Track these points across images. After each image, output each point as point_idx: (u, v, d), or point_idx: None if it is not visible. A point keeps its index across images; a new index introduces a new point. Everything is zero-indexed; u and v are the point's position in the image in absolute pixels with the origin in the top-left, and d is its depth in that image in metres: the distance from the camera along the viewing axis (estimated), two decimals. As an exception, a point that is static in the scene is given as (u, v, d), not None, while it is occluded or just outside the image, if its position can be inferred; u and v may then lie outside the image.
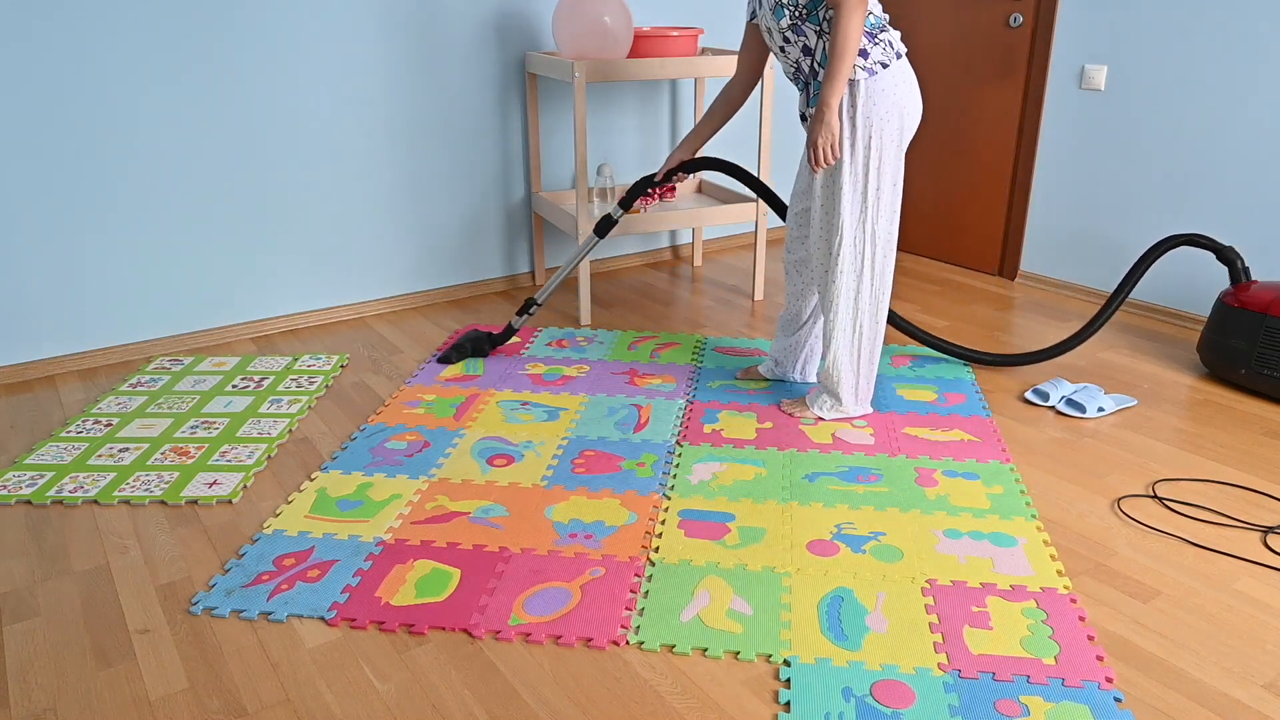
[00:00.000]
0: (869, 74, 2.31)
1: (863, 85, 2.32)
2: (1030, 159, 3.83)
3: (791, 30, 2.38)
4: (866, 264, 2.48)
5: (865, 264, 2.47)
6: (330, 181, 3.37)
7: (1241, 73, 3.15)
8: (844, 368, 2.60)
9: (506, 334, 3.14)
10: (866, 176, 2.40)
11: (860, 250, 2.46)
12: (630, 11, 3.30)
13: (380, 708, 1.67)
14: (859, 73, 2.31)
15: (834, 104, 2.29)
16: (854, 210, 2.43)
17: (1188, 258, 3.41)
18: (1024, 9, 3.72)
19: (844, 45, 2.23)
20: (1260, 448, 2.58)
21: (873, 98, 2.33)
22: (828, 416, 2.67)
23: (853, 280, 2.49)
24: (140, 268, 3.12)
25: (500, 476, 2.40)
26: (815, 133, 2.33)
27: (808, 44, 2.37)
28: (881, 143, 2.37)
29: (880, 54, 2.32)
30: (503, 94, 3.64)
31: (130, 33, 2.90)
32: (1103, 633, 1.85)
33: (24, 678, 1.75)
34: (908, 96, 2.37)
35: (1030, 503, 2.29)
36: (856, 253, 2.46)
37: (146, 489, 2.35)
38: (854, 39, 2.23)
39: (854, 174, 2.40)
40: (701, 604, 1.92)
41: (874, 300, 2.53)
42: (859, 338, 2.56)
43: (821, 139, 2.33)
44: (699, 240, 4.25)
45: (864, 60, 2.31)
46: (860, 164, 2.39)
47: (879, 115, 2.34)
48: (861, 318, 2.53)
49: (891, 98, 2.34)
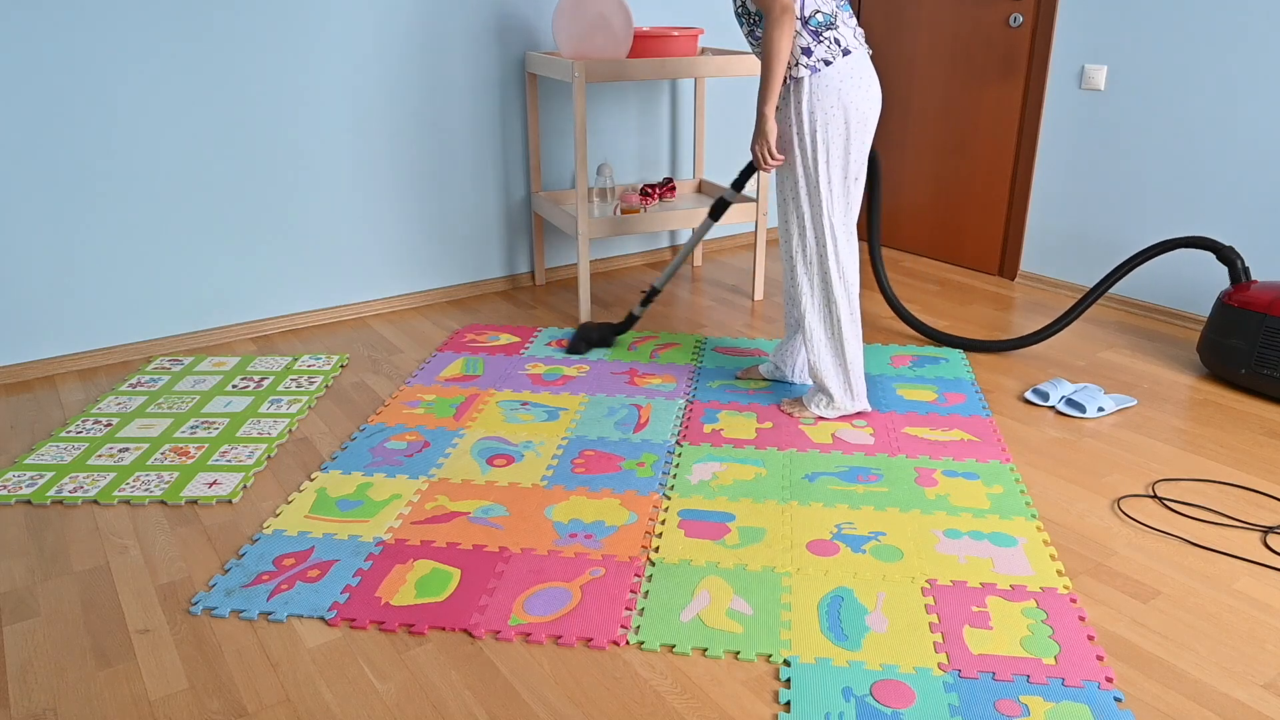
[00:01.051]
0: (811, 71, 2.39)
1: (806, 83, 2.40)
2: (1030, 159, 3.83)
3: (750, 36, 2.52)
4: (830, 256, 2.53)
5: (830, 256, 2.53)
6: (330, 181, 3.37)
7: (1241, 73, 3.15)
8: (826, 362, 2.64)
9: (629, 322, 3.17)
10: (816, 170, 2.46)
11: (822, 242, 2.52)
12: (630, 11, 3.30)
13: (380, 708, 1.67)
14: (802, 70, 2.39)
15: (766, 112, 2.41)
16: (810, 205, 2.51)
17: (1188, 258, 3.41)
18: (1024, 9, 3.72)
19: (770, 56, 2.35)
20: (1260, 448, 2.58)
21: (816, 94, 2.41)
22: (826, 414, 2.69)
23: (818, 273, 2.56)
24: (140, 268, 3.12)
25: (500, 476, 2.40)
26: (754, 140, 2.49)
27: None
28: (828, 136, 2.44)
29: (824, 51, 2.39)
30: (503, 94, 3.64)
31: (130, 32, 2.90)
32: (1103, 633, 1.85)
33: (24, 678, 1.75)
34: (854, 91, 2.42)
35: (1030, 503, 2.29)
36: (819, 244, 2.53)
37: (146, 489, 2.35)
38: (780, 50, 2.33)
39: (805, 169, 2.48)
40: (701, 604, 1.92)
41: (845, 290, 2.56)
42: (836, 329, 2.59)
43: (758, 145, 2.47)
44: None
45: (807, 58, 2.39)
46: (809, 159, 2.46)
47: (823, 110, 2.41)
48: (836, 310, 2.57)
49: (835, 94, 2.40)
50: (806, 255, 2.56)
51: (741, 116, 4.29)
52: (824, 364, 2.64)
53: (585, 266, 3.42)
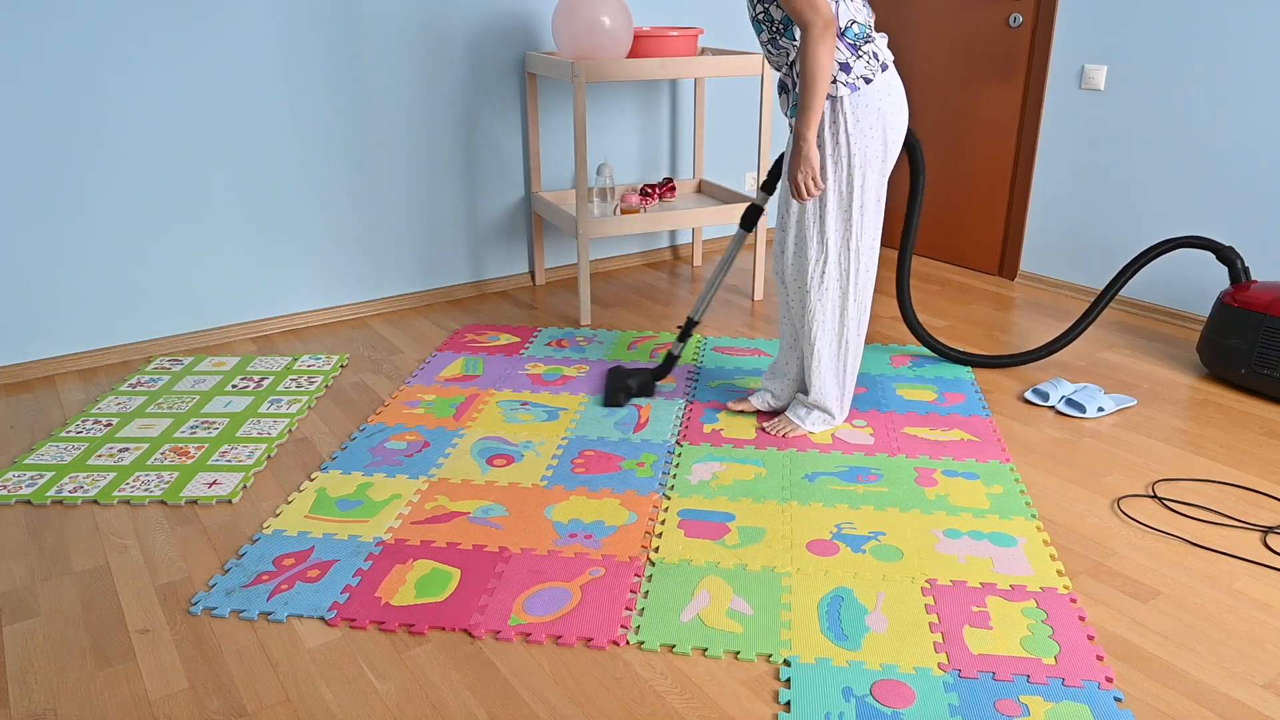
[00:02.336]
0: (851, 89, 2.21)
1: (846, 102, 2.22)
2: (1030, 159, 3.83)
3: (771, 44, 2.32)
4: (851, 281, 2.41)
5: (850, 281, 2.41)
6: (330, 181, 3.37)
7: (1241, 73, 3.15)
8: (830, 384, 2.54)
9: (668, 364, 2.86)
10: (851, 194, 2.32)
11: (845, 268, 2.39)
12: (630, 11, 3.30)
13: (380, 708, 1.67)
14: (841, 89, 2.21)
15: (808, 136, 2.21)
16: (839, 229, 2.35)
17: (1188, 258, 3.41)
18: (1024, 9, 3.72)
19: (811, 75, 2.13)
20: (1260, 448, 2.58)
21: (856, 114, 2.23)
22: (818, 430, 2.61)
23: (837, 298, 2.43)
24: (140, 268, 3.12)
25: (500, 476, 2.40)
26: (794, 167, 2.25)
27: (789, 56, 2.31)
28: (865, 160, 2.28)
29: (864, 68, 2.22)
30: (503, 94, 3.64)
31: (128, 31, 2.90)
32: (1103, 633, 1.85)
33: (24, 678, 1.75)
34: (893, 109, 2.27)
35: (1030, 503, 2.29)
36: (841, 270, 2.39)
37: (146, 489, 2.35)
38: (823, 68, 2.12)
39: (838, 192, 2.32)
40: (701, 604, 1.92)
41: (858, 316, 2.47)
42: (845, 353, 2.50)
43: (800, 174, 2.25)
44: (699, 240, 4.25)
45: (846, 75, 2.21)
46: (844, 182, 2.31)
47: (862, 132, 2.25)
48: (847, 335, 2.47)
49: (875, 113, 2.24)
50: (825, 283, 2.40)
51: (741, 116, 4.29)
52: (827, 386, 2.53)
53: (585, 266, 3.42)
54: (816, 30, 2.09)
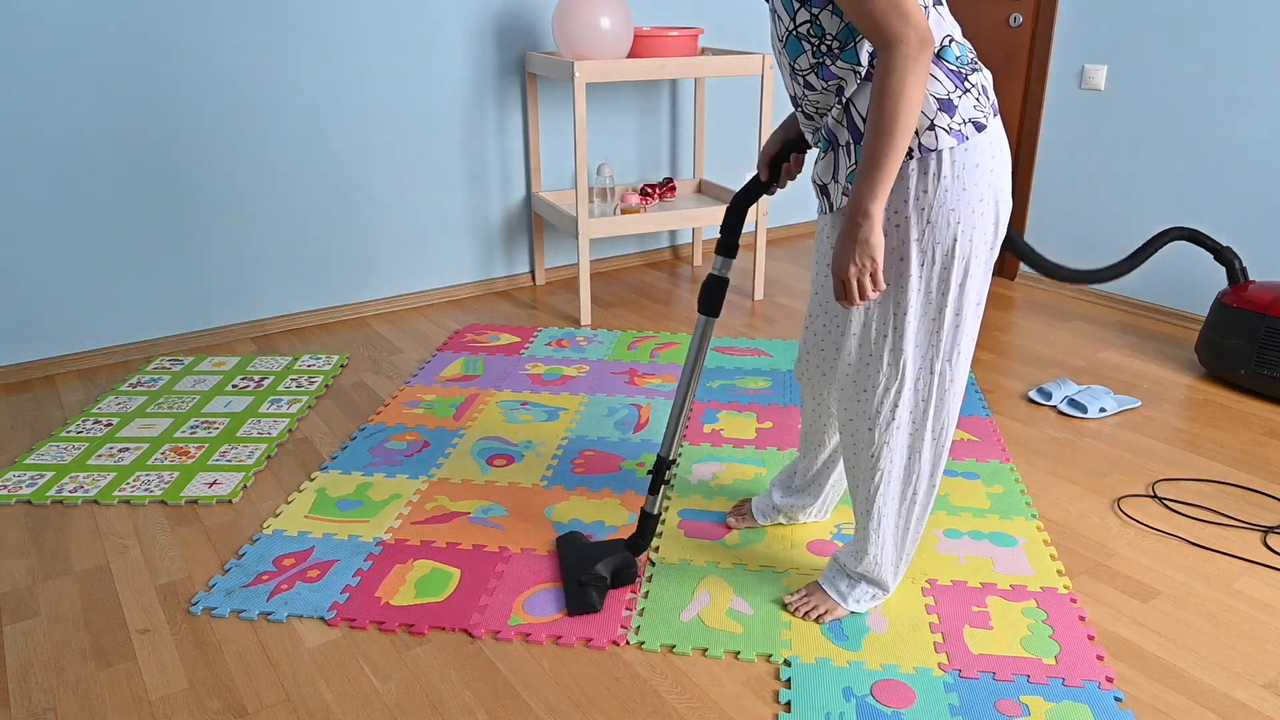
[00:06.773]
0: (959, 139, 1.47)
1: (946, 158, 1.47)
2: (1030, 159, 3.83)
3: (814, 74, 1.52)
4: (931, 416, 1.67)
5: (928, 416, 1.67)
6: (329, 181, 3.37)
7: (1241, 73, 3.15)
8: (887, 550, 1.81)
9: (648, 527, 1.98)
10: (946, 297, 1.57)
11: (925, 398, 1.66)
12: (630, 11, 3.30)
13: (380, 708, 1.67)
14: (939, 138, 1.46)
15: (875, 213, 1.45)
16: (921, 345, 1.62)
17: (1187, 258, 3.41)
18: (1024, 9, 3.72)
19: (895, 117, 1.38)
20: (1260, 448, 2.58)
21: (960, 177, 1.48)
22: (864, 609, 1.88)
23: (907, 436, 1.70)
24: (140, 267, 3.12)
25: (500, 476, 2.40)
26: (846, 257, 1.49)
27: (843, 93, 1.52)
28: (971, 247, 1.53)
29: (971, 109, 1.48)
30: (503, 94, 3.64)
31: (124, 30, 2.90)
32: (1103, 632, 1.85)
33: (24, 678, 1.75)
34: (1004, 170, 1.54)
35: (1030, 502, 2.29)
36: (919, 400, 1.66)
37: (146, 489, 2.35)
38: (913, 105, 1.38)
39: (924, 293, 1.57)
40: (701, 604, 1.92)
41: (934, 461, 1.73)
42: (911, 509, 1.78)
43: (855, 266, 1.49)
44: (699, 240, 4.25)
45: (948, 118, 1.47)
46: (933, 278, 1.55)
47: (968, 205, 1.50)
48: (917, 485, 1.74)
49: (987, 176, 1.50)
50: (896, 419, 1.66)
51: (741, 116, 4.29)
52: (885, 553, 1.81)
53: (585, 266, 3.42)
54: (906, 48, 1.35)
